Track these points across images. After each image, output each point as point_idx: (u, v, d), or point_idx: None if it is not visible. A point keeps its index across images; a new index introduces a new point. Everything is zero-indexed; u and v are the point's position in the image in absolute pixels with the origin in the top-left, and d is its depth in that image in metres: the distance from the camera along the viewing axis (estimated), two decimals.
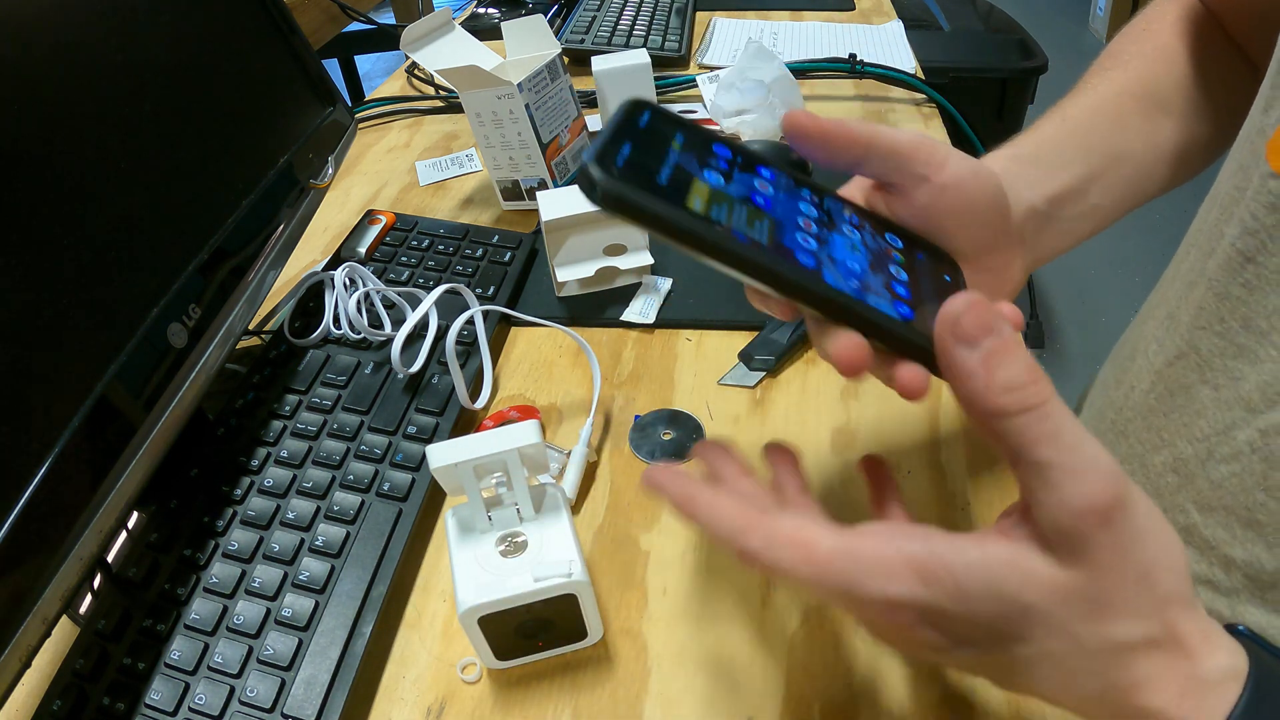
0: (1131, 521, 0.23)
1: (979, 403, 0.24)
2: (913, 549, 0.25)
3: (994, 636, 0.25)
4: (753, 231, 0.27)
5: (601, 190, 0.25)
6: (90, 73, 0.45)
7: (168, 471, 0.48)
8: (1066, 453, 0.23)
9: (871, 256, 0.31)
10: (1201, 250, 0.35)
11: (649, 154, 0.27)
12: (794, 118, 0.30)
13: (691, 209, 0.26)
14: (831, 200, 0.32)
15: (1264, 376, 0.31)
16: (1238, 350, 0.32)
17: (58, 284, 0.40)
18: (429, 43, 0.76)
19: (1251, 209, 0.32)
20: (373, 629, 0.43)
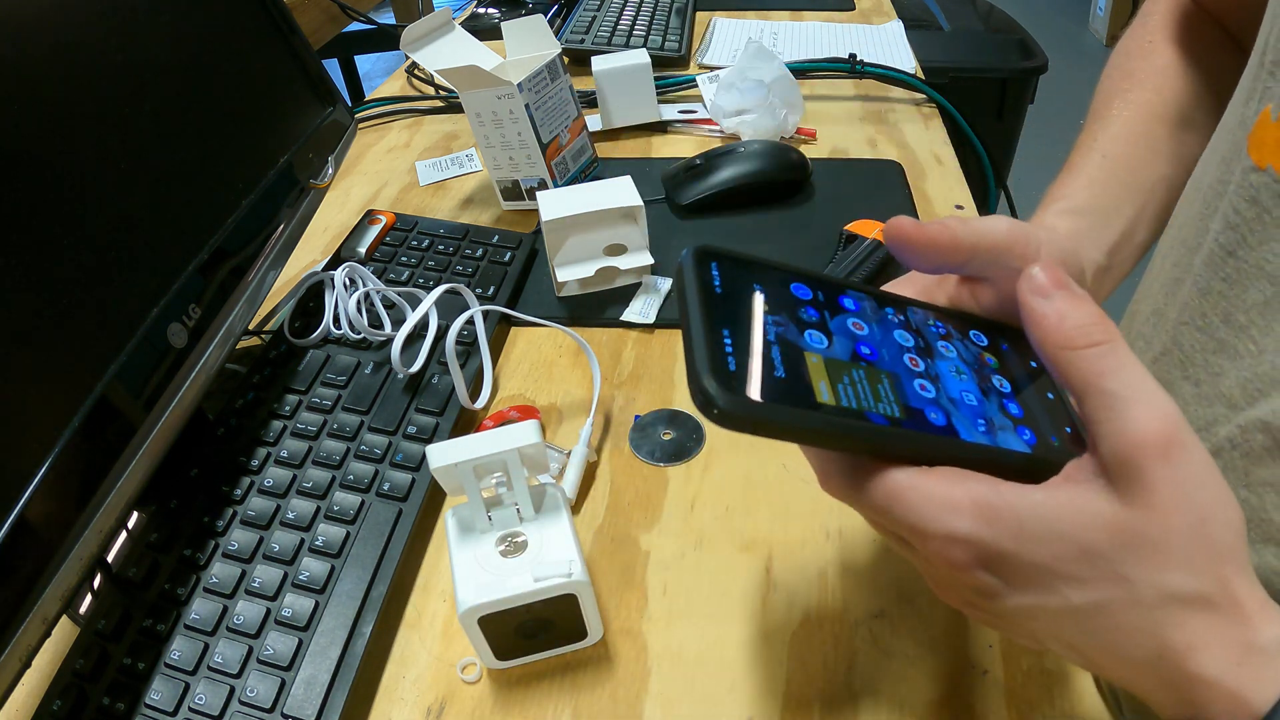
0: (1190, 463, 0.23)
1: (1052, 338, 0.25)
2: (979, 489, 0.25)
3: (1050, 580, 0.25)
4: (883, 405, 0.26)
5: (729, 413, 0.23)
6: (90, 73, 0.45)
7: (168, 471, 0.48)
8: (1130, 386, 0.24)
9: (977, 377, 0.29)
10: (1188, 246, 0.35)
11: (747, 335, 0.25)
12: (900, 227, 0.28)
13: (823, 403, 0.24)
14: (913, 312, 0.30)
15: (1244, 372, 0.31)
16: (1218, 346, 0.32)
17: (58, 284, 0.40)
18: (429, 43, 0.76)
19: (1233, 203, 0.32)
20: (373, 629, 0.43)
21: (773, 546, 0.47)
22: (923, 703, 0.40)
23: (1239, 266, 0.31)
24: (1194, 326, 0.34)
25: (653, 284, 0.66)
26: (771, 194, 0.74)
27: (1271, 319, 0.30)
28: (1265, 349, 0.30)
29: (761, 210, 0.74)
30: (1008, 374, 0.30)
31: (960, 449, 0.26)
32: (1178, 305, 0.35)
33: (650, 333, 0.63)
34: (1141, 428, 0.23)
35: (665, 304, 0.65)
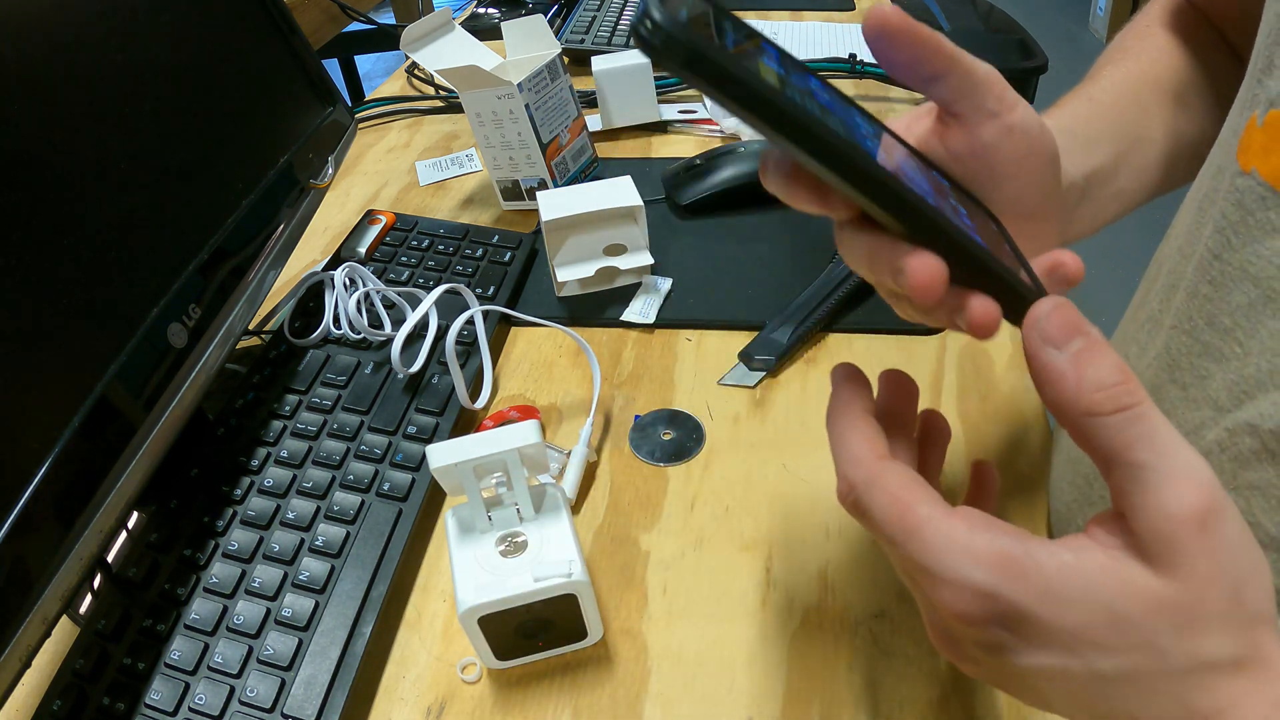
0: (1227, 531, 0.22)
1: (1070, 404, 0.23)
2: (1006, 542, 0.24)
3: (1075, 645, 0.23)
4: (827, 120, 0.23)
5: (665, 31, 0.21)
6: (90, 73, 0.45)
7: (168, 471, 0.48)
8: (1163, 456, 0.22)
9: (931, 183, 0.28)
10: (1184, 254, 0.35)
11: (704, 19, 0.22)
12: (882, 14, 0.26)
13: (764, 78, 0.22)
14: (881, 125, 0.29)
15: (1230, 375, 0.31)
16: (1203, 349, 0.32)
17: (58, 284, 0.40)
18: (429, 43, 0.76)
19: (1222, 208, 0.32)
20: (373, 629, 0.43)
21: (773, 546, 0.47)
22: (923, 703, 0.40)
23: (1224, 269, 0.31)
24: (1181, 330, 0.34)
25: (653, 284, 0.66)
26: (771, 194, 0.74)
27: (1256, 321, 0.30)
28: (1250, 351, 0.30)
29: (761, 210, 0.74)
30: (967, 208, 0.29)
31: (904, 189, 0.24)
32: (1172, 312, 0.35)
33: (650, 333, 0.63)
34: (1178, 506, 0.22)
35: (665, 304, 0.65)
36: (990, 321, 0.27)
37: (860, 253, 0.28)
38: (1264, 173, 0.29)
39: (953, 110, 0.30)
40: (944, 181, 0.30)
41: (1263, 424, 0.29)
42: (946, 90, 0.29)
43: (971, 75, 0.28)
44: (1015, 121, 0.30)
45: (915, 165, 0.28)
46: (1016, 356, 0.58)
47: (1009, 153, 0.30)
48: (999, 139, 0.30)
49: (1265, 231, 0.29)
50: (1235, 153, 0.31)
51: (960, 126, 0.30)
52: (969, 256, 0.26)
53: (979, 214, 0.30)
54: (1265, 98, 0.30)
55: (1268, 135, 0.30)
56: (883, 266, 0.27)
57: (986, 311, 0.27)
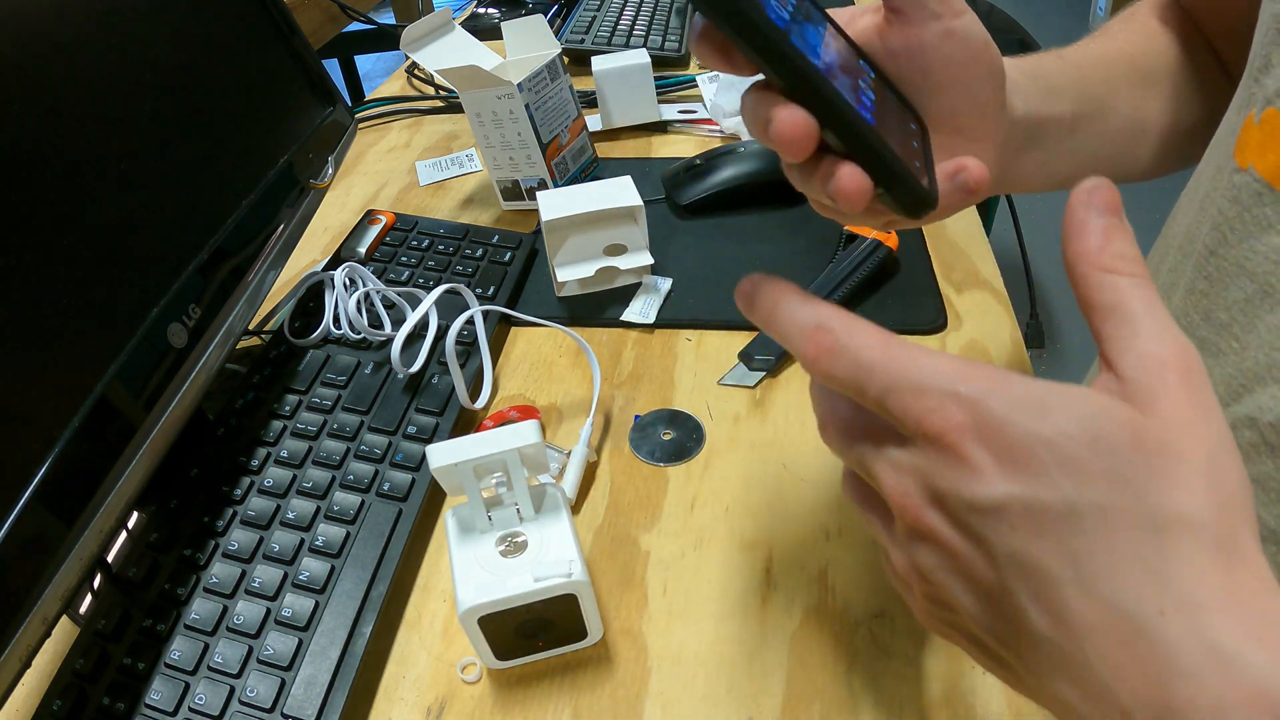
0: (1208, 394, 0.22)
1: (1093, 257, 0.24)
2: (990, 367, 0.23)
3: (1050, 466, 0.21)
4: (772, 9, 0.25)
5: None
6: (90, 73, 0.45)
7: (168, 471, 0.48)
8: (1156, 316, 0.23)
9: (842, 61, 0.28)
10: (1182, 251, 0.35)
11: None
12: None
13: None
14: (813, 5, 0.30)
15: (1228, 369, 0.31)
16: (1201, 344, 0.32)
17: (58, 284, 0.40)
18: (429, 43, 0.76)
19: (1219, 204, 0.32)
20: (373, 629, 0.43)
21: (773, 546, 0.47)
22: (923, 702, 0.40)
23: (1220, 265, 0.31)
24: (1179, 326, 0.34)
25: (653, 284, 0.66)
26: (771, 194, 0.74)
27: (1254, 316, 0.30)
28: (1248, 345, 0.30)
29: (761, 210, 0.74)
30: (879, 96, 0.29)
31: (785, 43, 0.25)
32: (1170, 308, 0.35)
33: (650, 333, 0.63)
34: (1165, 350, 0.22)
35: (665, 304, 0.65)
36: (856, 190, 0.27)
37: (747, 106, 0.28)
38: (1261, 169, 0.29)
39: (894, 5, 0.30)
40: (868, 70, 0.30)
41: (1262, 417, 0.29)
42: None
43: None
44: (957, 27, 0.30)
45: (834, 46, 0.29)
46: (1017, 356, 0.58)
47: (945, 57, 0.30)
48: (937, 41, 0.30)
49: (1262, 227, 0.29)
50: (1233, 150, 0.31)
51: (901, 23, 0.30)
52: (843, 122, 0.26)
53: (896, 108, 0.30)
54: (1262, 96, 0.30)
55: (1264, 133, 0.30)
56: (760, 119, 0.27)
57: (854, 179, 0.27)
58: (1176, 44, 0.44)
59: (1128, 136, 0.42)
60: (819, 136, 0.27)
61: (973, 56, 0.31)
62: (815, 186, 0.29)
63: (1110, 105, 0.41)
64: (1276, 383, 0.29)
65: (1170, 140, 0.43)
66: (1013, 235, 1.66)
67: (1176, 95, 0.43)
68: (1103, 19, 3.36)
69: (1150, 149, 0.43)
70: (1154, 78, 0.43)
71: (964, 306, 0.63)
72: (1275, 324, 0.29)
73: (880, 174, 0.27)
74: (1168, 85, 0.43)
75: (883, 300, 0.63)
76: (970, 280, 0.66)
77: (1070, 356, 1.90)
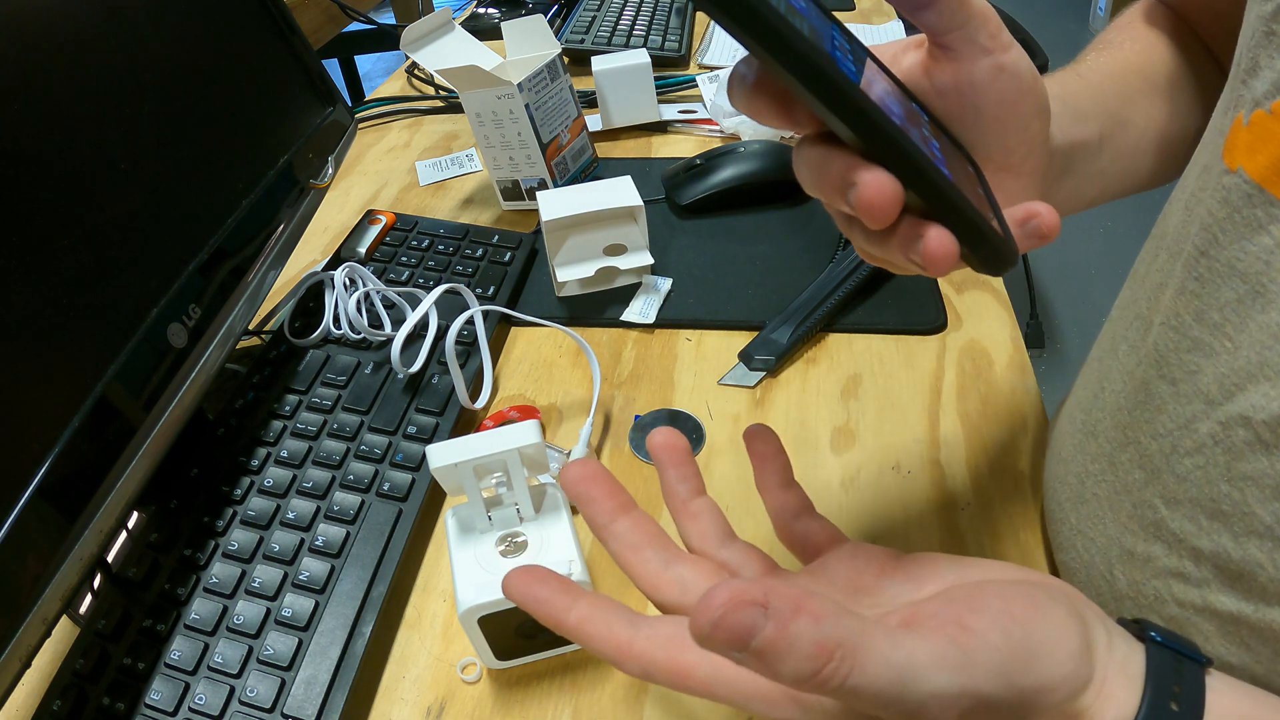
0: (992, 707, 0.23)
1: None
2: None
3: None
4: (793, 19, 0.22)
5: None
6: (90, 73, 0.45)
7: (168, 471, 0.48)
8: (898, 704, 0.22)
9: (904, 108, 0.26)
10: (1171, 252, 0.35)
11: None
12: None
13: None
14: (862, 47, 0.28)
15: (1220, 369, 0.31)
16: (1192, 344, 0.32)
17: (58, 283, 0.40)
18: (429, 43, 0.76)
19: (1208, 205, 0.32)
20: (373, 629, 0.43)
21: (772, 546, 0.47)
22: None
23: (1211, 265, 0.31)
24: (1169, 327, 0.34)
25: (653, 284, 0.66)
26: (771, 194, 0.74)
27: (1245, 315, 0.30)
28: (1240, 345, 0.30)
29: (761, 210, 0.74)
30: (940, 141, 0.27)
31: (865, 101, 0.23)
32: (1161, 311, 0.35)
33: (650, 333, 0.63)
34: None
35: (665, 304, 0.65)
36: (946, 254, 0.25)
37: (813, 164, 0.27)
38: (1250, 171, 0.29)
39: (942, 42, 0.28)
40: (922, 114, 0.29)
41: (1255, 415, 0.29)
42: (937, 18, 0.27)
43: (966, 6, 0.27)
44: (1007, 62, 0.28)
45: (892, 92, 0.27)
46: (1017, 356, 0.58)
47: (997, 94, 0.29)
48: (988, 78, 0.29)
49: (1253, 228, 0.29)
50: (1221, 152, 0.31)
51: (949, 60, 0.29)
52: (928, 182, 0.24)
53: (955, 153, 0.29)
54: (1250, 98, 0.30)
55: (1253, 134, 0.30)
56: (833, 180, 0.26)
57: (943, 243, 0.25)
58: (1175, 49, 0.44)
59: (1147, 148, 0.41)
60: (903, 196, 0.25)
61: (1024, 92, 0.29)
62: (895, 250, 0.27)
63: (1129, 119, 0.41)
64: (1268, 380, 0.29)
65: (1176, 147, 0.43)
66: None
67: (1180, 101, 0.43)
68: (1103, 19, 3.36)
69: (1158, 157, 0.43)
70: (1159, 86, 0.43)
71: (964, 306, 0.63)
72: (1267, 323, 0.29)
73: (966, 234, 0.26)
74: (1172, 92, 0.43)
75: (883, 300, 0.63)
76: (970, 280, 0.66)
77: (1070, 356, 1.90)
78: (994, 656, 0.23)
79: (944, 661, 0.22)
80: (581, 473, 0.31)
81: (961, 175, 0.27)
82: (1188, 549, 0.33)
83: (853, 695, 0.21)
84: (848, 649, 0.21)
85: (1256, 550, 0.30)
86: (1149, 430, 0.35)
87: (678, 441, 0.32)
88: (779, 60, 0.22)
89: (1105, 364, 0.40)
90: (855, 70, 0.24)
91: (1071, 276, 2.11)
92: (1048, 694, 0.24)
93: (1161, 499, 0.34)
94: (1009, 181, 0.32)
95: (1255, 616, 0.30)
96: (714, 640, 0.20)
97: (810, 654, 0.20)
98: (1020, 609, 0.24)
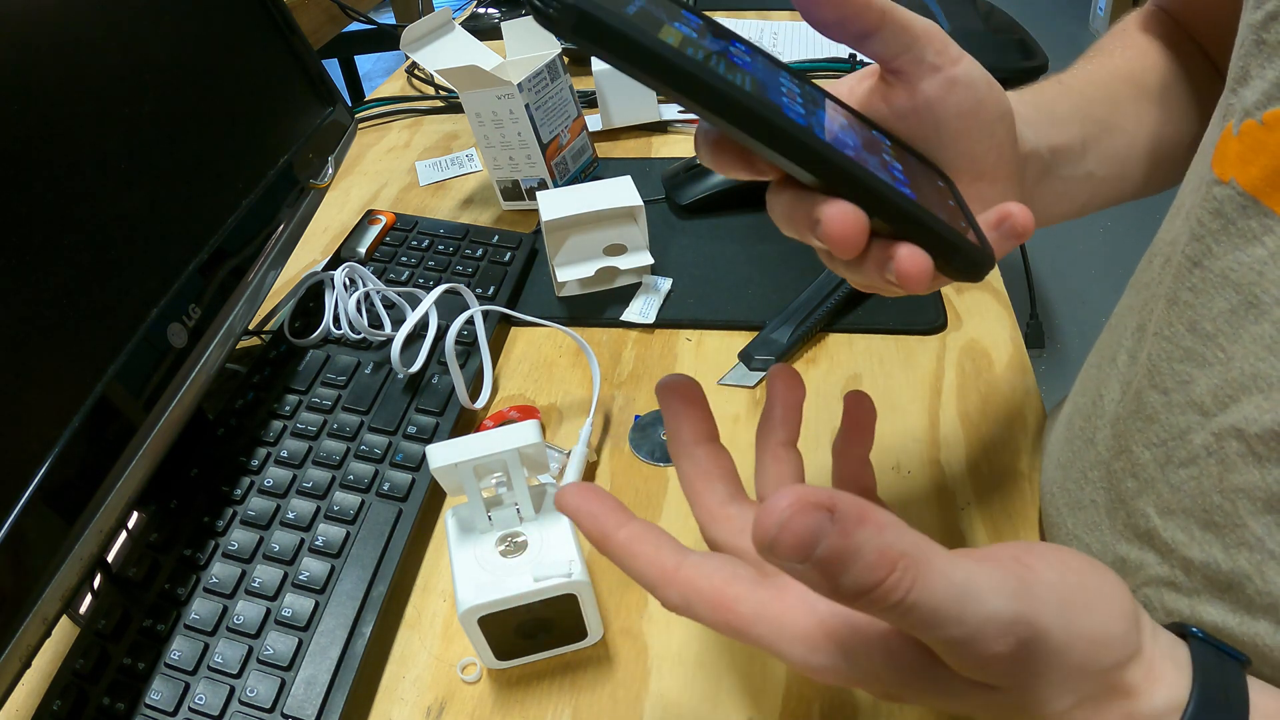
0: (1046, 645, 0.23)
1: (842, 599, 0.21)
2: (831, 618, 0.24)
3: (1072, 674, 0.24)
4: (734, 77, 0.24)
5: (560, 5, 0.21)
6: (90, 73, 0.45)
7: (168, 471, 0.48)
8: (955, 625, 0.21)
9: (862, 138, 0.27)
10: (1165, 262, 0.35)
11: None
12: None
13: (665, 41, 0.22)
14: (813, 88, 0.29)
15: (1214, 380, 0.31)
16: (1184, 354, 0.32)
17: (57, 284, 0.40)
18: (429, 43, 0.76)
19: (1199, 216, 0.32)
20: (373, 629, 0.43)
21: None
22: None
23: (1204, 276, 0.31)
24: (1162, 337, 0.34)
25: (653, 284, 0.66)
26: None
27: (1238, 327, 0.30)
28: (1234, 356, 0.30)
29: (761, 210, 0.74)
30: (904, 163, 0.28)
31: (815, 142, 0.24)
32: (1155, 320, 0.35)
33: (650, 333, 0.63)
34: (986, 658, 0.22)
35: (665, 304, 0.65)
36: (918, 271, 0.26)
37: (781, 208, 0.28)
38: (1242, 182, 0.29)
39: (892, 67, 0.29)
40: (883, 140, 0.29)
41: (1248, 428, 0.29)
42: (882, 46, 0.28)
43: (908, 30, 0.28)
44: (959, 74, 0.29)
45: (848, 124, 0.28)
46: (1017, 356, 0.58)
47: (955, 107, 0.30)
48: (942, 93, 0.29)
49: (1245, 239, 0.29)
50: (1212, 162, 0.31)
51: (902, 83, 0.30)
52: (889, 204, 0.25)
53: (924, 171, 0.30)
54: (1241, 108, 0.30)
55: (1244, 145, 0.30)
56: (801, 220, 0.27)
57: (914, 260, 0.26)
58: (1172, 56, 0.44)
59: (1133, 155, 0.42)
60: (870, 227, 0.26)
61: (980, 100, 0.30)
62: (871, 273, 0.28)
63: (1115, 125, 0.41)
64: (1262, 393, 0.29)
65: (1171, 154, 0.43)
66: None
67: (1175, 108, 0.43)
68: (1103, 19, 3.36)
69: (1151, 164, 0.43)
70: (1153, 92, 0.43)
71: (964, 306, 0.63)
72: (1260, 334, 0.29)
73: (937, 248, 0.26)
74: (1166, 99, 0.43)
75: (883, 300, 0.63)
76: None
77: (1070, 356, 1.90)
78: (1051, 593, 0.23)
79: (1003, 586, 0.22)
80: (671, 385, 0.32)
81: (928, 191, 0.28)
82: (1179, 558, 0.33)
83: (911, 612, 0.21)
84: (910, 560, 0.20)
85: (1245, 562, 0.30)
86: (1141, 439, 0.35)
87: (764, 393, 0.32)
88: (722, 118, 0.23)
89: (1104, 371, 0.40)
90: (804, 113, 0.25)
91: (1071, 276, 2.11)
92: (1101, 649, 0.24)
93: (1154, 508, 0.34)
94: (986, 189, 0.32)
95: (1241, 629, 0.30)
96: (780, 544, 0.20)
97: (873, 563, 0.20)
98: (1075, 562, 0.25)
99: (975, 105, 0.30)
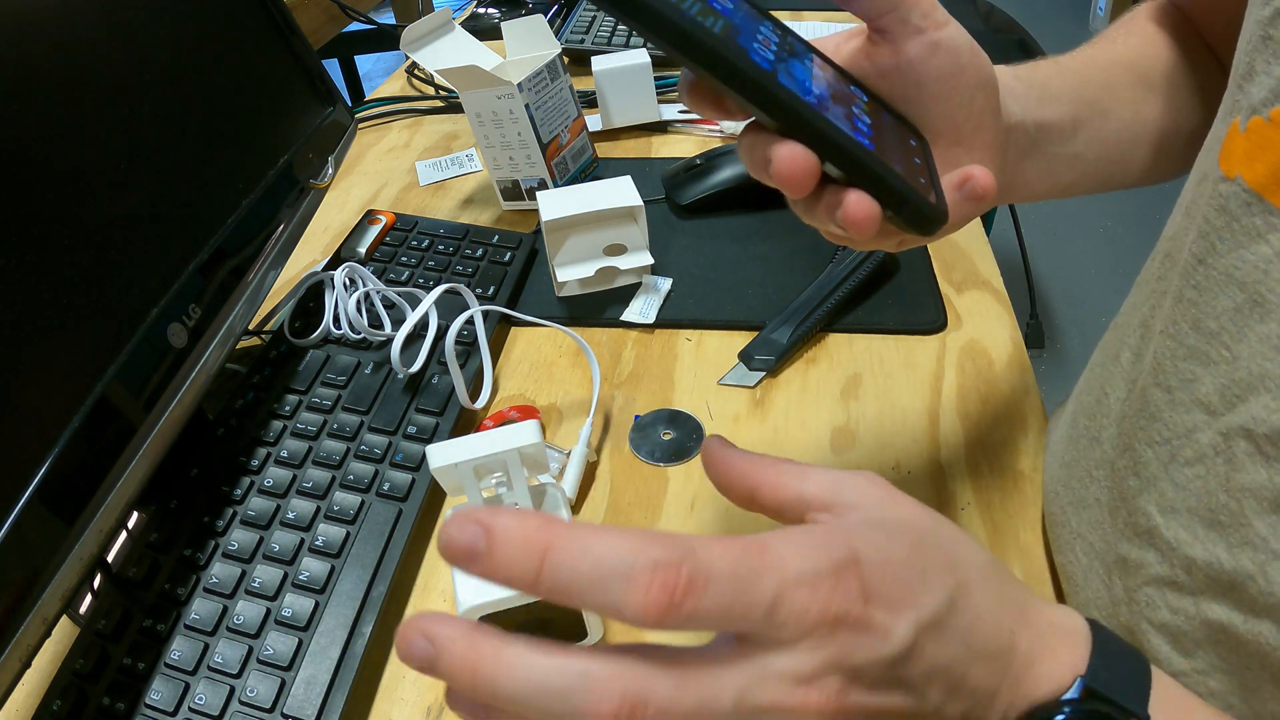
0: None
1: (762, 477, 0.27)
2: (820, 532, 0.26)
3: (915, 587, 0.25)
4: (707, 20, 0.25)
5: None
6: (90, 73, 0.45)
7: (168, 471, 0.48)
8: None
9: (833, 90, 0.29)
10: (1170, 260, 0.35)
11: None
12: None
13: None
14: (796, 39, 0.30)
15: (1220, 379, 0.31)
16: (1189, 352, 0.32)
17: (58, 283, 0.40)
18: (429, 43, 0.76)
19: (1204, 213, 0.32)
20: (373, 629, 0.43)
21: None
22: None
23: (1208, 274, 0.31)
24: (1167, 335, 0.33)
25: (653, 284, 0.66)
26: (772, 194, 0.74)
27: (1244, 325, 0.30)
28: (1239, 355, 0.30)
29: (761, 210, 0.74)
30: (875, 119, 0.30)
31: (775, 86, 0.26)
32: (1161, 319, 0.35)
33: (650, 333, 0.63)
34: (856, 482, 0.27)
35: (665, 304, 0.65)
36: (864, 216, 0.28)
37: (745, 147, 0.29)
38: (1248, 179, 0.29)
39: (877, 26, 0.31)
40: (860, 95, 0.31)
41: (1256, 428, 0.29)
42: (870, 4, 0.30)
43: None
44: (943, 39, 0.30)
45: (823, 77, 0.29)
46: (1017, 356, 0.58)
47: (936, 70, 0.31)
48: (925, 55, 0.30)
49: (1251, 237, 0.29)
50: (1218, 159, 0.31)
51: (886, 43, 0.31)
52: (841, 151, 0.27)
53: (895, 128, 0.31)
54: (1247, 104, 0.30)
55: (1250, 141, 0.29)
56: (759, 159, 0.28)
57: (861, 206, 0.28)
58: (1176, 47, 0.44)
59: (1127, 140, 0.42)
60: (820, 170, 0.27)
61: (961, 66, 0.31)
62: (822, 217, 0.29)
63: (1109, 109, 0.41)
64: (1269, 392, 0.29)
65: (1171, 144, 0.43)
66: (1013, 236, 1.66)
67: (1177, 99, 0.43)
68: (1103, 19, 3.37)
69: (1150, 153, 0.43)
70: (1154, 82, 0.43)
71: (964, 306, 0.63)
72: (1265, 333, 0.29)
73: (886, 197, 0.28)
74: (1168, 89, 0.43)
75: (883, 300, 0.63)
76: (970, 280, 0.66)
77: (1070, 356, 1.90)
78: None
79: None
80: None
81: (893, 146, 0.29)
82: (1180, 557, 0.33)
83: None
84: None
85: (1249, 562, 0.30)
86: (1144, 438, 0.35)
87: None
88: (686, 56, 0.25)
89: (1108, 370, 0.40)
90: (772, 59, 0.27)
91: (1071, 276, 2.11)
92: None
93: (1156, 507, 0.34)
94: (963, 154, 0.33)
95: (1244, 628, 0.30)
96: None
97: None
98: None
99: (956, 70, 0.31)
